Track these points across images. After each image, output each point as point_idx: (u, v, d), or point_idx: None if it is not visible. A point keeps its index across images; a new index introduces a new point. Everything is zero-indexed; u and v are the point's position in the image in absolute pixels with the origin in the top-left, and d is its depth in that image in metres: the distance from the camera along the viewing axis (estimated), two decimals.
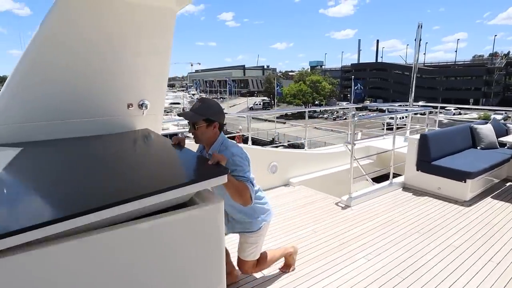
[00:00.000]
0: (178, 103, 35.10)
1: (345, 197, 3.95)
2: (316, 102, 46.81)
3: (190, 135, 1.96)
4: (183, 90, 73.53)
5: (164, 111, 2.95)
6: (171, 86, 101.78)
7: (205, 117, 1.84)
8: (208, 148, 1.93)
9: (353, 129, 4.02)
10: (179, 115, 1.97)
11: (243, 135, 26.37)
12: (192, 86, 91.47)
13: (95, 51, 2.14)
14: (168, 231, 1.30)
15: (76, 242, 1.09)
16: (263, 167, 4.44)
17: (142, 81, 2.42)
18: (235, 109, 48.59)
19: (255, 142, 25.15)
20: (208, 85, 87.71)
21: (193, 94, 64.22)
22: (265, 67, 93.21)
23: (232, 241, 2.49)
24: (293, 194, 4.36)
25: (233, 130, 28.56)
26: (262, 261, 2.28)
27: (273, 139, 26.71)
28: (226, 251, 2.31)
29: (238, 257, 2.22)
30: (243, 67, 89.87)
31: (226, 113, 2.29)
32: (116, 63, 2.26)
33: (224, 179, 1.43)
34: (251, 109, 50.63)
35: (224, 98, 61.70)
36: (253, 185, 1.81)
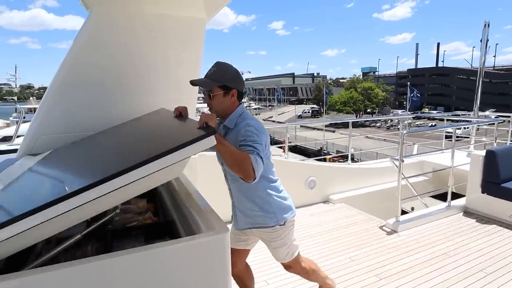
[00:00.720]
0: None
1: (392, 220, 3.48)
2: (368, 110, 44.67)
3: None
4: None
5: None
6: None
7: (221, 83, 1.62)
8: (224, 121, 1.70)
9: (401, 143, 3.54)
10: (191, 83, 1.69)
11: (290, 143, 26.44)
12: None
13: (129, 62, 2.19)
14: (166, 262, 1.14)
15: (71, 269, 1.01)
16: (300, 182, 4.15)
17: (173, 90, 2.41)
18: (283, 117, 48.46)
19: (302, 151, 25.09)
20: (257, 93, 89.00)
21: (243, 102, 65.54)
22: (315, 74, 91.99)
23: (255, 262, 2.25)
24: (332, 213, 3.99)
25: (280, 138, 28.43)
26: (308, 261, 2.05)
27: (320, 148, 25.97)
28: (249, 275, 2.10)
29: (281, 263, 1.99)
30: (292, 75, 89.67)
31: (274, 121, 2.10)
32: (149, 74, 2.29)
33: (210, 141, 1.23)
34: (300, 117, 50.07)
35: (273, 105, 61.97)
36: (261, 158, 1.49)
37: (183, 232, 1.60)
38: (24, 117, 5.45)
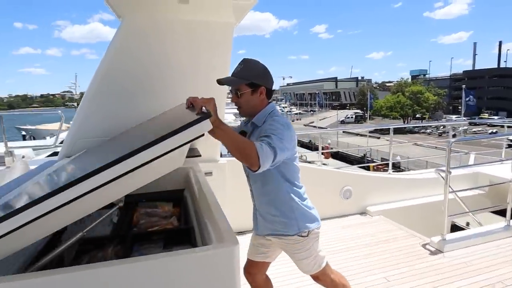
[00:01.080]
0: None
1: (437, 239, 3.13)
2: (417, 116, 41.94)
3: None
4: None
5: None
6: None
7: (248, 81, 1.55)
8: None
9: (449, 152, 3.18)
10: (218, 82, 1.62)
11: (331, 149, 25.68)
12: (283, 99, 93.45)
13: (159, 68, 2.26)
14: (170, 272, 1.10)
15: (77, 274, 1.01)
16: (334, 191, 3.95)
17: (202, 94, 2.41)
18: (325, 122, 47.40)
19: (344, 157, 24.21)
20: (298, 98, 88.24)
21: (284, 107, 65.38)
22: (359, 78, 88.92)
23: (280, 275, 2.15)
24: (369, 226, 3.73)
25: (321, 144, 27.71)
26: (338, 275, 1.89)
27: (364, 155, 24.85)
28: None
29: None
30: (335, 79, 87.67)
31: (315, 126, 2.01)
32: (178, 79, 2.34)
33: (204, 126, 1.14)
34: (342, 122, 48.58)
35: (314, 111, 60.97)
36: (272, 148, 1.37)
37: (200, 241, 1.56)
38: None
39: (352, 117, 50.59)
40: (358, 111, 54.34)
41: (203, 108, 1.21)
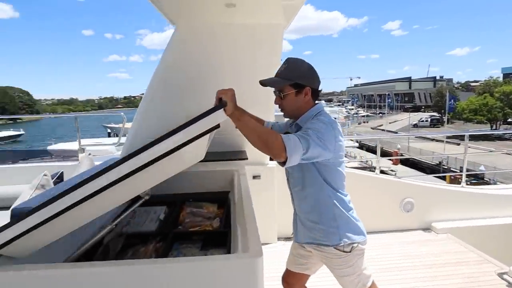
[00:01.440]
0: (334, 118, 35.02)
1: None
2: (510, 120, 36.28)
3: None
4: (339, 105, 73.05)
5: None
6: (328, 101, 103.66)
7: (292, 81, 1.47)
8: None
9: None
10: (261, 83, 1.56)
11: (401, 155, 23.68)
12: (349, 100, 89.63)
13: (211, 70, 2.38)
14: (192, 277, 1.10)
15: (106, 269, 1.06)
16: (393, 203, 3.60)
17: (251, 97, 2.46)
18: (395, 126, 44.01)
19: (416, 165, 22.13)
20: (366, 100, 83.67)
21: (350, 109, 62.67)
22: (438, 78, 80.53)
23: None
24: (434, 244, 3.31)
25: (389, 149, 25.87)
26: None
27: (439, 162, 22.37)
28: None
29: None
30: (409, 79, 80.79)
31: (383, 130, 1.89)
32: (230, 81, 2.39)
33: (218, 116, 1.13)
34: (415, 126, 44.52)
35: (384, 113, 57.15)
36: (306, 145, 1.28)
37: (235, 246, 1.56)
38: None
39: (427, 121, 45.98)
40: (435, 114, 49.22)
41: (223, 99, 1.22)
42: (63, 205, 1.02)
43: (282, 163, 1.31)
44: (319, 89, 1.56)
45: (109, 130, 24.14)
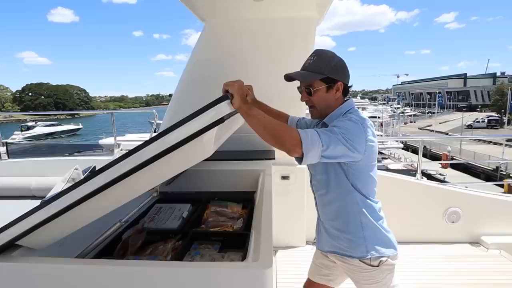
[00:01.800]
0: (378, 117, 33.60)
1: None
2: None
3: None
4: (384, 103, 69.57)
5: None
6: (373, 99, 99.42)
7: (323, 75, 1.33)
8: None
9: None
10: (286, 77, 1.41)
11: (452, 158, 21.90)
12: (395, 99, 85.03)
13: (241, 65, 2.40)
14: (195, 282, 1.07)
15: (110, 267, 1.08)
16: (436, 212, 3.28)
17: (282, 92, 2.38)
18: (446, 126, 40.83)
19: (469, 169, 20.35)
20: (414, 98, 78.75)
21: (396, 108, 59.39)
22: (499, 74, 73.32)
23: None
24: (483, 261, 2.96)
25: (438, 151, 24.06)
26: None
27: (496, 167, 20.32)
28: None
29: None
30: (463, 76, 74.65)
31: (432, 131, 1.73)
32: (260, 75, 2.35)
33: (223, 109, 1.04)
34: (470, 127, 40.96)
35: (433, 112, 53.37)
36: (327, 141, 1.17)
37: (250, 252, 1.50)
38: None
39: (483, 121, 42.03)
40: (493, 114, 44.86)
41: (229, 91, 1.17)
42: (78, 196, 1.04)
43: (299, 159, 1.20)
44: (349, 84, 1.42)
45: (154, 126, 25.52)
